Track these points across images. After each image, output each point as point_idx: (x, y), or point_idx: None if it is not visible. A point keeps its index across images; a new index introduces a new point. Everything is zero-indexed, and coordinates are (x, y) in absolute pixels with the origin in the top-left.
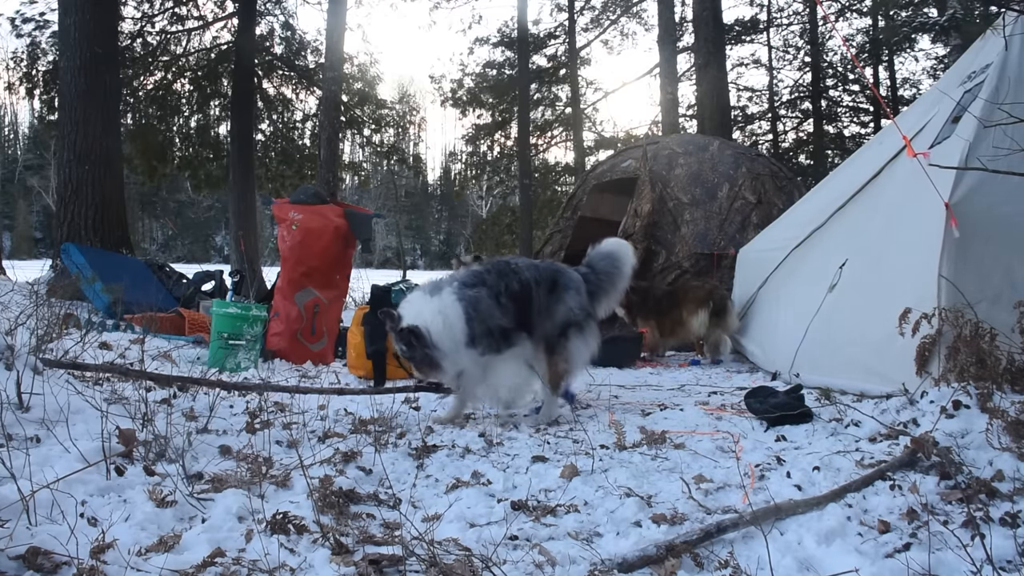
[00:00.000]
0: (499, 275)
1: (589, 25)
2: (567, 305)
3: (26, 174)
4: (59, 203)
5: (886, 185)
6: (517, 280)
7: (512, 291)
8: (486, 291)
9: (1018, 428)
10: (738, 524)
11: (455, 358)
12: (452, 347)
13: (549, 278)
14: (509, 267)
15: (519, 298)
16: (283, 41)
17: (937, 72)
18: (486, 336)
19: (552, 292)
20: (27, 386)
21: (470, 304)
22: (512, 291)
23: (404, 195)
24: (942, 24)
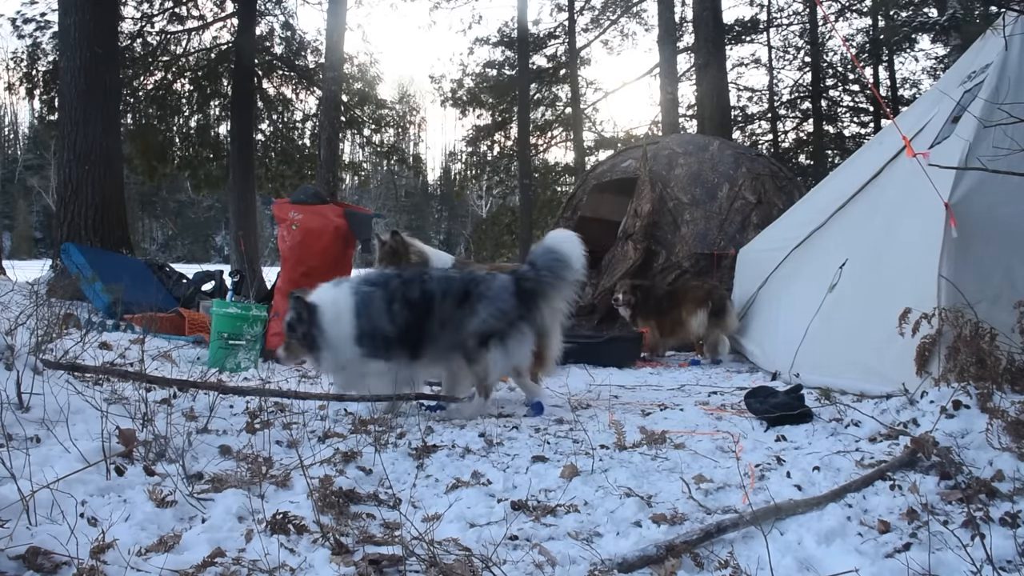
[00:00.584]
0: (403, 282)
1: (589, 25)
2: (480, 316)
3: (26, 174)
4: (59, 203)
5: (886, 185)
6: (420, 289)
7: (410, 299)
8: (382, 293)
9: (1018, 428)
10: (738, 524)
11: (337, 349)
12: (336, 338)
13: (460, 289)
14: (419, 276)
15: (416, 307)
16: (283, 41)
17: (937, 72)
18: (372, 337)
19: (463, 304)
20: (27, 386)
21: (362, 300)
22: (410, 299)
23: (404, 195)
24: (942, 24)
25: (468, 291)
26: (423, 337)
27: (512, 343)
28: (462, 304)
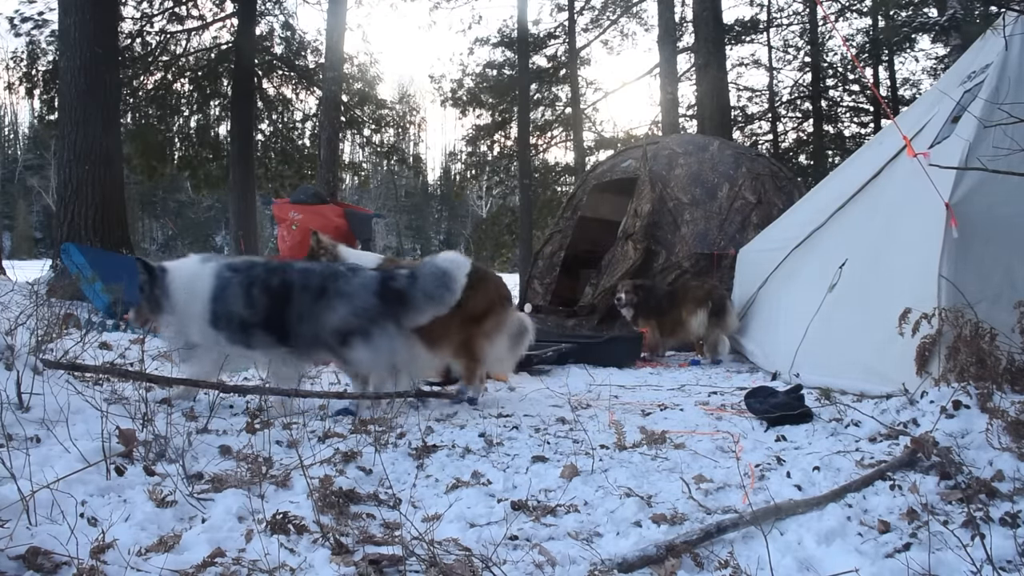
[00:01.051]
0: (267, 270)
1: (589, 25)
2: (339, 313)
3: (26, 174)
4: (59, 203)
5: (886, 185)
6: (281, 279)
7: (270, 288)
8: (241, 278)
9: (1018, 428)
10: (738, 524)
11: (186, 324)
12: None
13: (320, 284)
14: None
15: (275, 297)
16: (283, 41)
17: (937, 72)
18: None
19: (321, 298)
20: (27, 386)
21: (220, 283)
22: (270, 288)
23: (404, 195)
24: (942, 24)
25: (325, 286)
26: (285, 327)
27: (375, 341)
28: (320, 298)
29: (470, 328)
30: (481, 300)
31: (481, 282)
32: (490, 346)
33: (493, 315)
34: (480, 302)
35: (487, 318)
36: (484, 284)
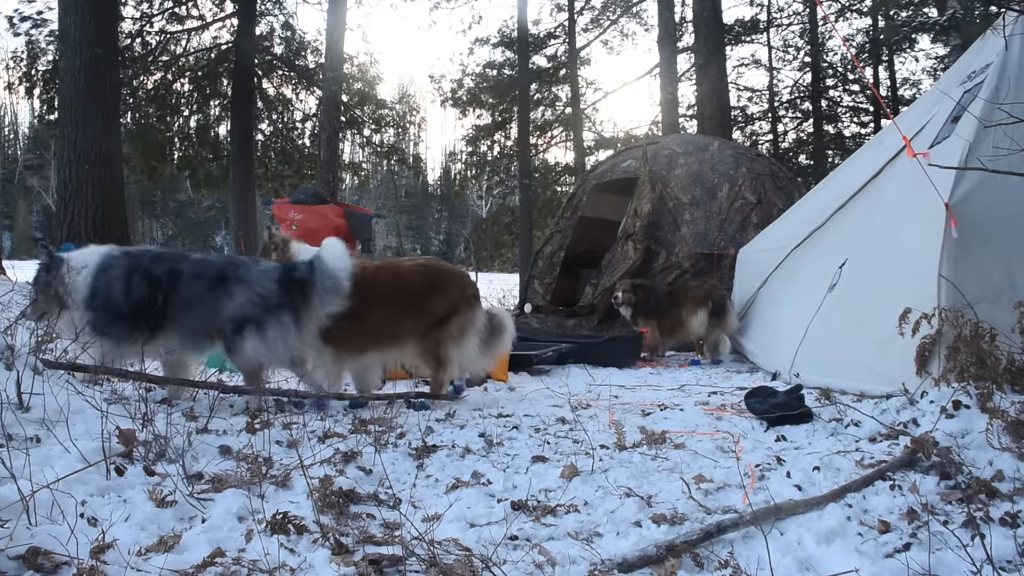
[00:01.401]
0: (152, 259)
1: (589, 25)
2: (236, 301)
3: (26, 174)
4: (59, 203)
5: (886, 185)
6: (167, 268)
7: (152, 276)
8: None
9: (1018, 428)
10: (738, 524)
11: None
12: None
13: (215, 273)
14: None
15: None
16: (283, 41)
17: (937, 72)
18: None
19: (216, 287)
20: (27, 386)
21: (101, 270)
22: (152, 276)
23: (404, 195)
24: (942, 24)
25: (224, 275)
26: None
27: (270, 332)
28: (216, 287)
29: (434, 330)
30: (443, 301)
31: (442, 282)
32: (457, 348)
33: (458, 316)
34: (442, 303)
35: (452, 319)
36: (446, 284)
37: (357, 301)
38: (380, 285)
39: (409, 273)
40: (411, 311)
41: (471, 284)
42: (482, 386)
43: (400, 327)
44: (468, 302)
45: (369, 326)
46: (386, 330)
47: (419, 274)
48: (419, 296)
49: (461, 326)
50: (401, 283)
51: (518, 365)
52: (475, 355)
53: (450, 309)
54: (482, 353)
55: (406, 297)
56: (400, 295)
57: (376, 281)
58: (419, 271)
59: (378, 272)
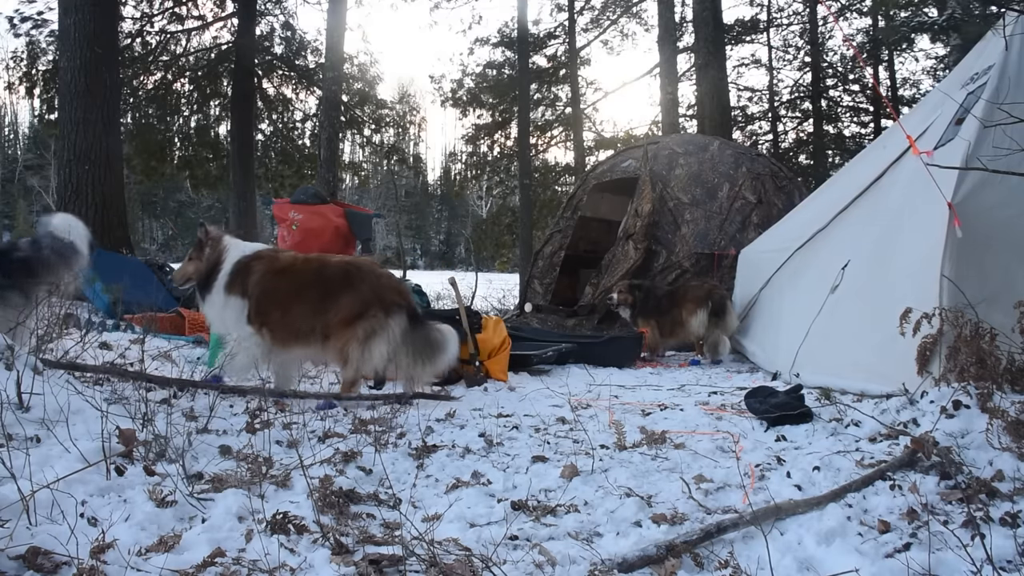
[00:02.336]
0: None
1: (589, 25)
2: None
3: (26, 174)
4: (59, 203)
5: (889, 187)
6: None
7: None
8: None
9: (1018, 428)
10: (738, 524)
11: None
12: None
13: None
14: None
15: None
16: (283, 41)
17: (937, 72)
18: None
19: None
20: (27, 386)
21: None
22: None
23: (404, 195)
24: (942, 24)
25: None
26: None
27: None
28: None
29: (344, 329)
30: (354, 301)
31: (359, 282)
32: (359, 351)
33: (367, 319)
34: (353, 303)
35: (359, 321)
36: (362, 284)
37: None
38: (305, 276)
39: (332, 268)
40: (327, 306)
41: (395, 291)
42: (482, 386)
43: (316, 322)
44: (385, 308)
45: (292, 317)
46: (306, 323)
47: (341, 271)
48: (336, 293)
49: (369, 330)
50: (323, 277)
51: (518, 365)
52: (383, 363)
53: (360, 311)
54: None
55: (325, 292)
56: (320, 289)
57: (302, 272)
58: (342, 268)
59: (307, 263)
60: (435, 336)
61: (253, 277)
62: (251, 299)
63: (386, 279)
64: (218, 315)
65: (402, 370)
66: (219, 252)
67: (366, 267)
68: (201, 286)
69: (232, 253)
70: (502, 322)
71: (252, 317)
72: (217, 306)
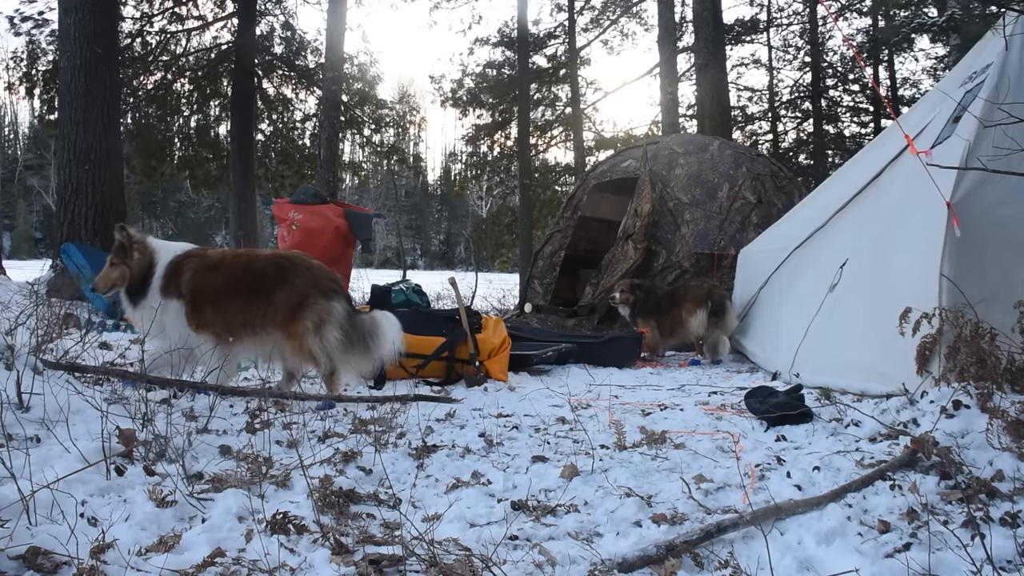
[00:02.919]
0: None
1: (589, 25)
2: None
3: (26, 174)
4: (59, 203)
5: (888, 186)
6: None
7: None
8: None
9: (1018, 428)
10: (738, 524)
11: None
12: None
13: None
14: None
15: None
16: (283, 41)
17: (937, 72)
18: None
19: None
20: (27, 386)
21: None
22: None
23: (404, 195)
24: (942, 24)
25: None
26: None
27: None
28: None
29: (290, 325)
30: (290, 292)
31: (289, 274)
32: (317, 341)
33: (310, 308)
34: (290, 294)
35: (304, 312)
36: (292, 275)
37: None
38: (238, 271)
39: (264, 262)
40: (265, 300)
41: (330, 279)
42: (482, 386)
43: (251, 317)
44: (323, 294)
45: (230, 313)
46: (244, 318)
47: (274, 264)
48: (272, 286)
49: (316, 319)
50: (256, 271)
51: (518, 365)
52: (340, 348)
53: (300, 301)
54: (349, 351)
55: (260, 286)
56: (255, 283)
57: (234, 267)
58: (274, 260)
59: (238, 258)
60: (373, 325)
61: (186, 276)
62: (186, 298)
63: (318, 269)
64: (157, 318)
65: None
66: (149, 255)
67: (297, 259)
68: (132, 291)
69: (163, 255)
70: (502, 322)
71: (190, 316)
72: (155, 310)
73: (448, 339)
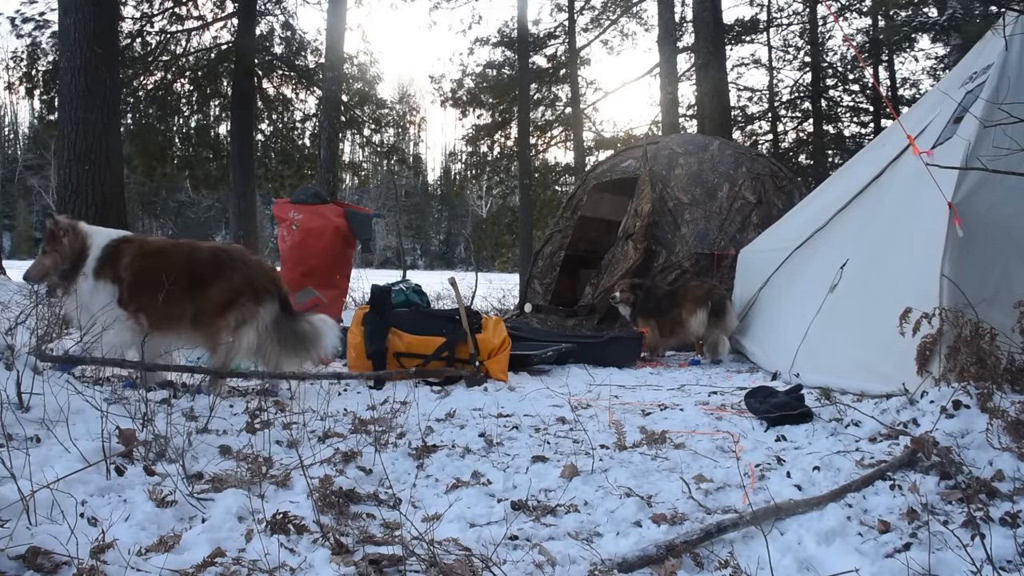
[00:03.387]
0: None
1: (589, 25)
2: None
3: (26, 174)
4: (59, 203)
5: (888, 186)
6: None
7: None
8: None
9: (1018, 428)
10: (738, 524)
11: None
12: None
13: None
14: None
15: None
16: (283, 41)
17: (937, 72)
18: None
19: None
20: (27, 386)
21: None
22: None
23: (404, 195)
24: (942, 24)
25: None
26: None
27: None
28: None
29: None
30: (225, 288)
31: (226, 267)
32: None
33: (237, 308)
34: (224, 291)
35: (230, 310)
36: (230, 270)
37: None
38: (177, 260)
39: (203, 253)
40: (200, 292)
41: (267, 278)
42: (482, 386)
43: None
44: (256, 296)
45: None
46: (178, 307)
47: (213, 256)
48: (208, 278)
49: (239, 319)
50: (195, 262)
51: (518, 365)
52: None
53: (231, 298)
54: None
55: (197, 277)
56: (192, 274)
57: (174, 255)
58: (214, 253)
59: (177, 247)
60: (306, 328)
61: (124, 260)
62: (123, 283)
63: (256, 266)
64: (86, 301)
65: (271, 359)
66: (81, 240)
67: (237, 253)
68: (64, 277)
69: (97, 239)
70: (502, 322)
71: (125, 300)
72: (86, 292)
73: (448, 339)
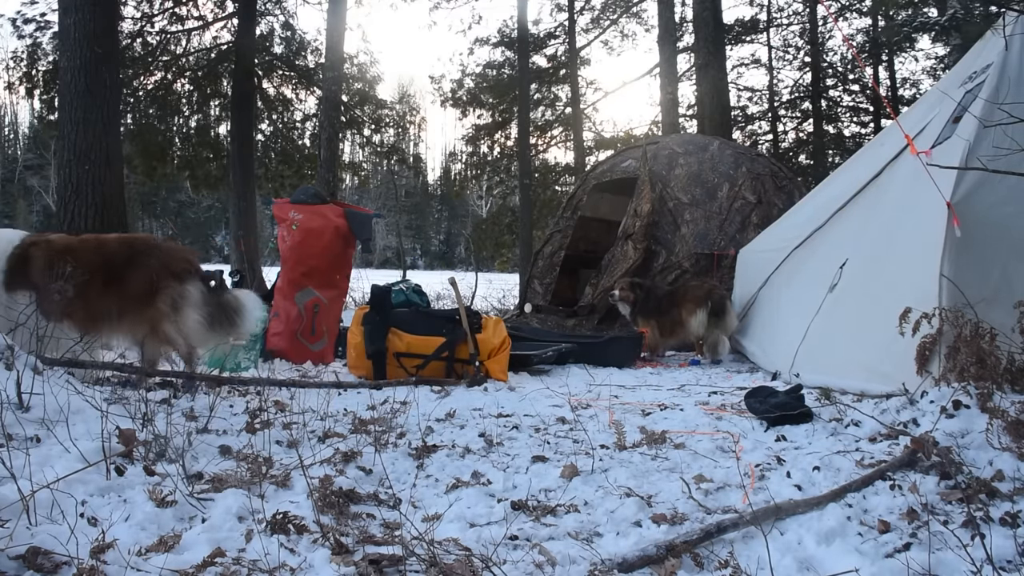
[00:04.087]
0: None
1: (589, 25)
2: None
3: (26, 174)
4: (59, 203)
5: (887, 185)
6: None
7: None
8: None
9: (1018, 428)
10: (738, 524)
11: None
12: None
13: None
14: None
15: None
16: (283, 41)
17: (937, 72)
18: None
19: None
20: (27, 386)
21: None
22: None
23: (404, 195)
24: (942, 24)
25: None
26: None
27: None
28: None
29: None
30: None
31: (140, 255)
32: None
33: (165, 291)
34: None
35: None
36: (144, 256)
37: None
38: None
39: (113, 245)
40: (119, 285)
41: (182, 259)
42: (482, 386)
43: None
44: (176, 276)
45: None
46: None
47: (124, 246)
48: (123, 270)
49: (171, 301)
50: (107, 255)
51: (518, 365)
52: (200, 329)
53: (153, 285)
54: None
55: (113, 270)
56: (107, 268)
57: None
58: (124, 243)
59: (85, 243)
60: (231, 301)
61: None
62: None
63: (170, 250)
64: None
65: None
66: None
67: (147, 240)
68: None
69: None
70: (502, 322)
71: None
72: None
73: (448, 339)
